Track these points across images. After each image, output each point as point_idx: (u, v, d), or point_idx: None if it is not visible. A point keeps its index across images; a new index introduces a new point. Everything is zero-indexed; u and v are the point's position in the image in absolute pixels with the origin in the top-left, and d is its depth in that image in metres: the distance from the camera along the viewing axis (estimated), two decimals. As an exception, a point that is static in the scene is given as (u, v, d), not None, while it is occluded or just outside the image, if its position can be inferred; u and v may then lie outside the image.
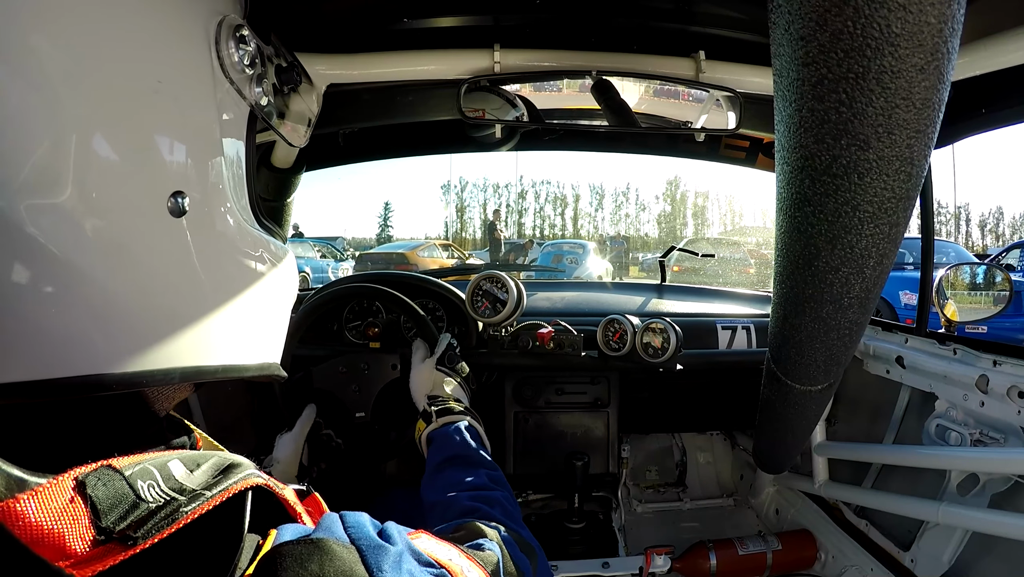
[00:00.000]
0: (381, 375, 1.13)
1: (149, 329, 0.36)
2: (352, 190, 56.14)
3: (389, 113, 1.09)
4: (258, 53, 0.47)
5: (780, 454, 1.26)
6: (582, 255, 8.15)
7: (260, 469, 0.37)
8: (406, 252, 8.37)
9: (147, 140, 0.36)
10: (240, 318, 0.43)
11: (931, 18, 0.44)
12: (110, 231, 0.33)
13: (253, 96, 0.46)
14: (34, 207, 0.30)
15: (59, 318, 0.31)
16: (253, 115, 0.47)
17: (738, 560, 1.37)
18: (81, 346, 0.33)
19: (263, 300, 0.47)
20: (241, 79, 0.44)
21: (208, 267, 0.40)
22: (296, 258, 0.54)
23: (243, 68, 0.44)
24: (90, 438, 0.35)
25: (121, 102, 0.34)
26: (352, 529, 0.35)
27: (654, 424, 1.80)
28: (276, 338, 0.51)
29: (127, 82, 0.34)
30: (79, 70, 0.32)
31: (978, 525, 0.96)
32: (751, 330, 1.47)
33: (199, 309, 0.39)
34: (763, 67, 1.02)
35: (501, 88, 1.03)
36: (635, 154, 1.65)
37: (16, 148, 0.29)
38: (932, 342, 1.14)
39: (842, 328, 0.75)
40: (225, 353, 0.42)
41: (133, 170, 0.34)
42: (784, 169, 0.62)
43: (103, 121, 0.33)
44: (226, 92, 0.43)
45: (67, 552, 0.24)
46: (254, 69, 0.46)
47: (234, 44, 0.43)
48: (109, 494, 0.27)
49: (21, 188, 0.29)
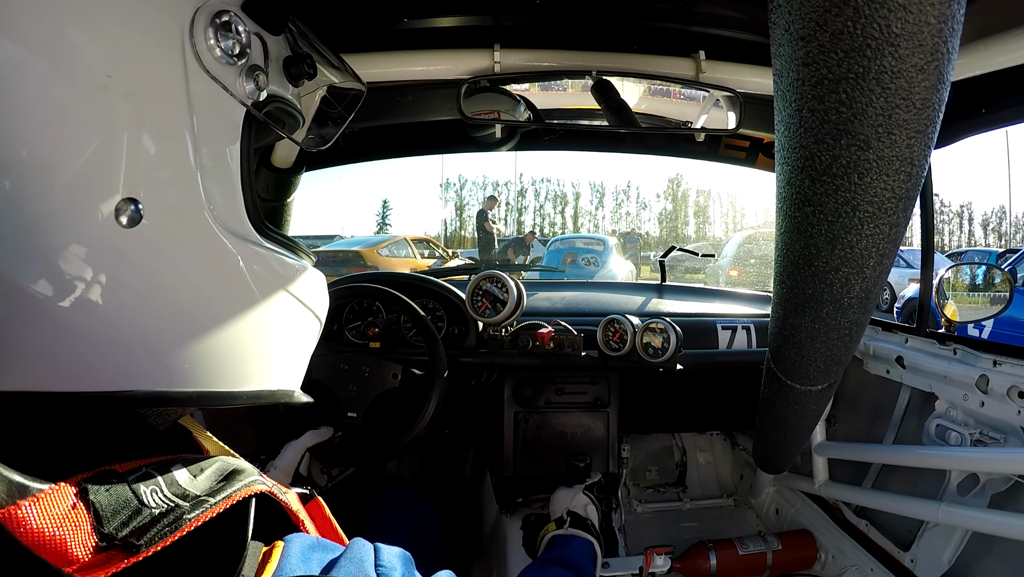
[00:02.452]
0: (380, 381, 1.13)
1: (105, 348, 0.33)
2: (351, 188, 56.14)
3: (389, 113, 1.09)
4: (252, 43, 0.41)
5: (780, 454, 1.26)
6: (603, 254, 6.22)
7: (263, 473, 0.36)
8: (362, 250, 6.80)
9: (90, 141, 0.32)
10: (223, 341, 0.39)
11: (931, 18, 0.44)
12: (51, 236, 0.31)
13: (242, 91, 0.40)
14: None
15: (39, 338, 0.31)
16: (249, 114, 0.41)
17: (738, 560, 1.36)
18: (69, 364, 0.32)
19: (259, 320, 0.42)
20: (225, 72, 0.39)
21: (178, 284, 0.36)
22: None
23: (227, 60, 0.39)
24: (95, 445, 0.34)
25: (64, 98, 0.31)
26: (384, 569, 0.34)
27: (654, 424, 1.80)
28: (285, 362, 0.46)
29: (71, 75, 0.31)
30: (22, 60, 0.30)
31: (978, 525, 0.96)
32: (751, 330, 1.47)
33: (170, 330, 0.36)
34: (763, 67, 1.02)
35: (501, 88, 1.03)
36: (635, 154, 1.65)
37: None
38: (932, 342, 1.14)
39: (842, 328, 0.75)
40: (204, 380, 0.38)
41: (76, 174, 0.31)
42: (784, 169, 0.62)
43: (43, 119, 0.31)
44: (204, 86, 0.37)
45: (69, 558, 0.24)
46: (244, 60, 0.40)
47: (213, 32, 0.37)
48: (111, 500, 0.27)
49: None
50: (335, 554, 0.35)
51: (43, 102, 0.31)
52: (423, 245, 8.29)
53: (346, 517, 0.51)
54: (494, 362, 1.32)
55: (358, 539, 0.37)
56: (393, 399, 1.13)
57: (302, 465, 1.01)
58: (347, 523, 0.48)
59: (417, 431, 1.07)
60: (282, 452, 0.99)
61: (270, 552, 0.32)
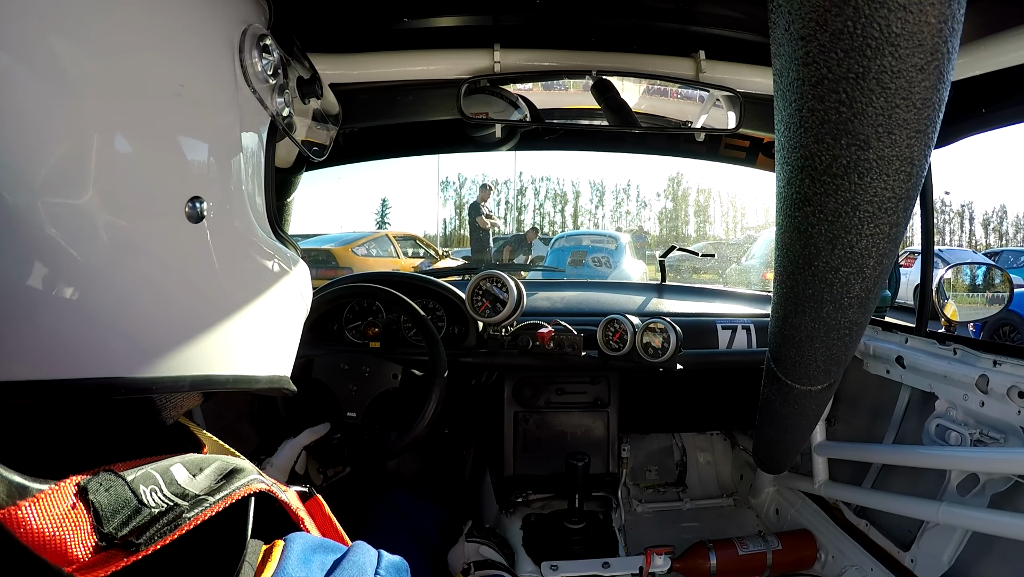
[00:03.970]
0: (381, 381, 1.13)
1: (161, 335, 0.36)
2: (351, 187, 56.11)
3: (389, 113, 1.09)
4: (280, 63, 0.47)
5: (780, 454, 1.26)
6: (615, 253, 5.37)
7: (261, 472, 0.37)
8: (334, 248, 6.14)
9: (167, 143, 0.35)
10: (253, 328, 0.43)
11: (931, 18, 0.44)
12: (127, 234, 0.33)
13: (275, 106, 0.46)
14: (53, 207, 0.29)
15: (72, 320, 0.31)
16: (273, 125, 0.46)
17: (738, 560, 1.36)
18: (92, 349, 0.32)
19: (276, 311, 0.46)
20: (263, 88, 0.44)
21: (224, 275, 0.40)
22: None
23: (266, 78, 0.44)
24: (96, 445, 0.35)
25: (142, 103, 0.34)
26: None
27: (654, 424, 1.80)
28: (287, 350, 0.50)
29: (148, 84, 0.34)
30: (100, 70, 0.31)
31: (978, 525, 0.96)
32: (751, 330, 1.47)
33: (212, 317, 0.39)
34: (763, 67, 1.02)
35: (501, 88, 1.03)
36: (635, 154, 1.65)
37: (36, 147, 0.29)
38: (932, 342, 1.14)
39: (842, 328, 0.75)
40: (236, 363, 0.42)
41: (152, 173, 0.34)
42: (784, 169, 0.62)
43: (123, 122, 0.32)
44: (248, 100, 0.43)
45: (69, 558, 0.24)
46: (276, 79, 0.46)
47: (257, 53, 0.43)
48: (111, 500, 0.27)
49: (41, 188, 0.29)
50: (337, 555, 0.35)
51: (126, 104, 0.33)
52: (408, 243, 7.52)
53: (347, 518, 0.51)
54: (494, 362, 1.32)
55: (361, 543, 0.37)
56: (393, 399, 1.13)
57: (298, 464, 1.01)
58: (348, 524, 0.48)
59: (417, 431, 1.07)
60: (279, 450, 1.00)
61: (270, 551, 0.32)
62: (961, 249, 16.48)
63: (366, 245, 6.60)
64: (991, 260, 7.54)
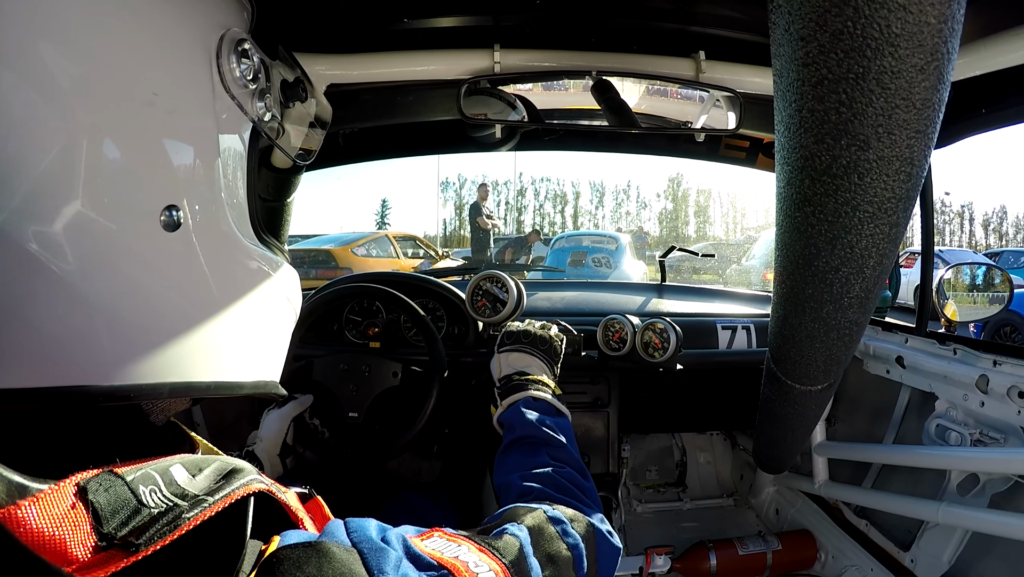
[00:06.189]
0: (381, 380, 1.13)
1: (138, 342, 0.35)
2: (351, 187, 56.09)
3: (389, 113, 1.09)
4: (261, 68, 0.46)
5: (780, 454, 1.26)
6: (616, 253, 5.43)
7: (261, 473, 0.37)
8: (334, 249, 6.11)
9: (141, 153, 0.35)
10: (234, 334, 0.42)
11: (931, 18, 0.44)
12: (101, 244, 0.33)
13: (255, 111, 0.45)
14: (30, 219, 0.29)
15: (47, 329, 0.31)
16: (255, 130, 0.46)
17: (738, 560, 1.37)
18: (68, 357, 0.32)
19: (260, 316, 0.46)
20: (243, 94, 0.43)
21: (203, 282, 0.40)
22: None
23: (245, 83, 0.43)
24: (93, 445, 0.35)
25: (115, 114, 0.33)
26: (355, 533, 0.35)
27: (654, 424, 1.80)
28: (273, 355, 0.50)
29: (121, 93, 0.34)
30: (73, 80, 0.31)
31: (978, 525, 0.96)
32: (751, 330, 1.47)
33: (191, 324, 0.39)
34: (763, 67, 1.02)
35: (501, 88, 1.03)
36: (635, 154, 1.65)
37: (11, 159, 0.29)
38: (932, 342, 1.14)
39: (842, 328, 0.75)
40: (217, 369, 0.41)
41: (124, 182, 0.34)
42: (784, 169, 0.62)
43: (96, 132, 0.32)
44: (227, 107, 0.42)
45: (69, 558, 0.24)
46: (257, 84, 0.45)
47: (235, 58, 0.42)
48: (111, 500, 0.27)
49: (22, 202, 0.29)
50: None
51: (97, 114, 0.33)
52: (408, 243, 7.50)
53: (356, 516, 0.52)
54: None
55: (333, 520, 0.38)
56: (394, 397, 1.13)
57: (289, 435, 0.99)
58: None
59: (419, 428, 1.07)
60: (264, 420, 0.98)
61: (267, 549, 0.32)
62: (961, 249, 16.52)
63: (366, 245, 6.57)
64: (991, 260, 7.53)
